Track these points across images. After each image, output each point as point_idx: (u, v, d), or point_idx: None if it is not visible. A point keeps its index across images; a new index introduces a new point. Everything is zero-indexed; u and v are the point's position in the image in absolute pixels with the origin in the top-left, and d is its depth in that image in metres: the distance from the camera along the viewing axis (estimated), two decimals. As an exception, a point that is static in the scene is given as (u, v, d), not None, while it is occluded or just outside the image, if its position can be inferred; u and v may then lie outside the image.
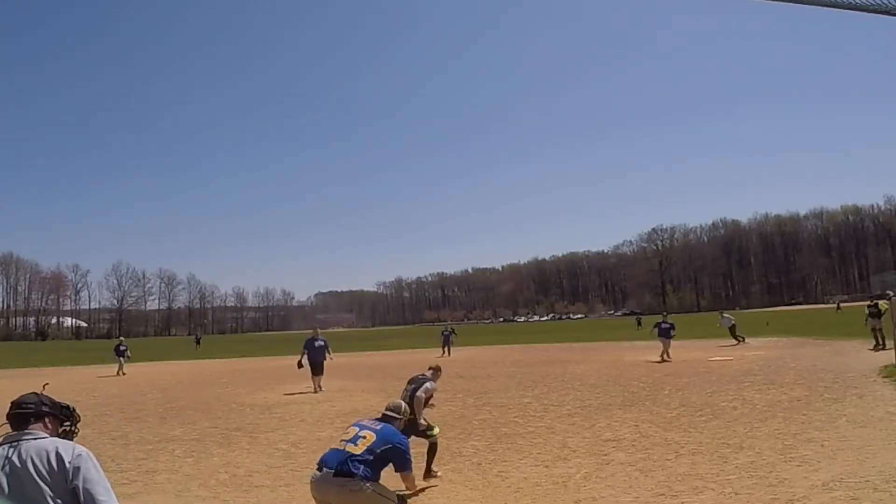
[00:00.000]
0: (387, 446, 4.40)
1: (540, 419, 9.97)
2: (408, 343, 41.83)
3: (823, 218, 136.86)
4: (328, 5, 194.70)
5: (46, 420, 2.51)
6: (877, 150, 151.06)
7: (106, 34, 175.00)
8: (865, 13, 3.00)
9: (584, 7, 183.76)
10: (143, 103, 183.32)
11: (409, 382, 6.77)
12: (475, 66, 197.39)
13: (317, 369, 15.46)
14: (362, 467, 4.20)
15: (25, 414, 2.46)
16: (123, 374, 23.61)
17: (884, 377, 12.17)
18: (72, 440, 2.57)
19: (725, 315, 25.33)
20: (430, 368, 7.20)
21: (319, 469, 4.32)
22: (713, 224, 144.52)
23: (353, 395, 14.16)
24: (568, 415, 10.25)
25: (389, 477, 4.71)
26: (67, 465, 2.29)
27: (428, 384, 6.72)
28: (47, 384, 3.51)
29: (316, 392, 14.92)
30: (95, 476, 2.32)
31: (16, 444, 2.36)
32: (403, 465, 4.61)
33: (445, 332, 27.95)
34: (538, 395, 12.91)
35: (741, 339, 24.07)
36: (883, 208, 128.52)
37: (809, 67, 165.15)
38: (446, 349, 27.03)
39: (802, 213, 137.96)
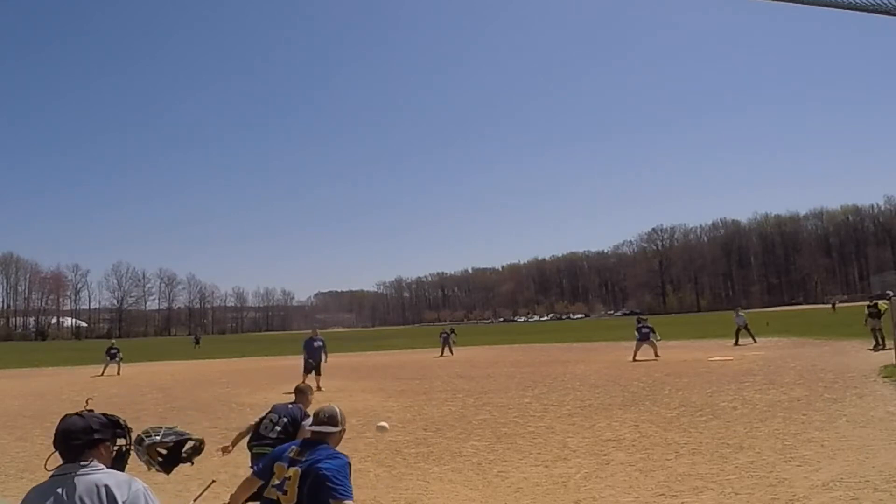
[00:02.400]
0: (323, 483, 2.94)
1: (540, 419, 9.97)
2: (408, 343, 41.78)
3: (823, 218, 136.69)
4: (328, 4, 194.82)
5: (101, 447, 2.17)
6: (877, 150, 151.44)
7: (106, 34, 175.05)
8: (865, 13, 3.00)
9: (584, 6, 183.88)
10: (143, 103, 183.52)
11: (272, 411, 5.37)
12: (475, 66, 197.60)
13: (315, 369, 15.74)
14: None
15: (77, 445, 2.12)
16: (119, 374, 23.68)
17: (884, 377, 12.18)
18: (127, 458, 2.37)
19: (741, 313, 25.32)
20: (297, 391, 5.73)
21: None
22: (713, 224, 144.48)
23: (353, 395, 14.16)
24: (568, 415, 10.25)
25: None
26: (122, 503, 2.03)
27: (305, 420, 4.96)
28: (91, 399, 3.22)
29: (318, 390, 14.95)
30: None
31: (66, 479, 2.07)
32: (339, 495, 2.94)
33: (444, 334, 28.14)
34: (538, 395, 12.91)
35: (751, 339, 23.92)
36: (883, 208, 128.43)
37: (809, 67, 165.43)
38: (446, 349, 27.19)
39: (802, 213, 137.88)
